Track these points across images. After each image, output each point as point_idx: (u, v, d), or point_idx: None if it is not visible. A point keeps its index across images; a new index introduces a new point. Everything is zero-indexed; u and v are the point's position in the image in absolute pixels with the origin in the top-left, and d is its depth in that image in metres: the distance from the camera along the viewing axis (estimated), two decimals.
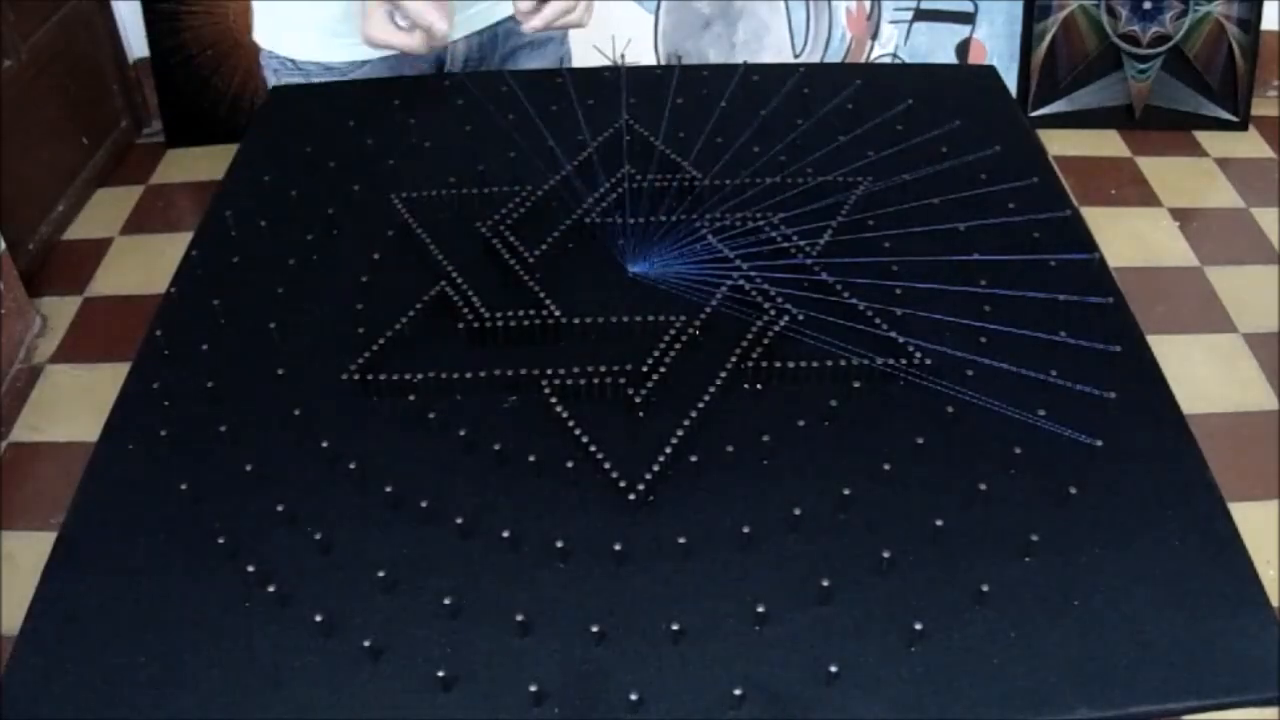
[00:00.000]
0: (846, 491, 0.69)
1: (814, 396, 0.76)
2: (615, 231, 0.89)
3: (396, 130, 1.02)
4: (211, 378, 0.78)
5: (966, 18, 2.38)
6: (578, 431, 0.72)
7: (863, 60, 2.38)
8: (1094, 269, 0.86)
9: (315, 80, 1.17)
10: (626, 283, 0.86)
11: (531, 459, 0.72)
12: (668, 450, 0.71)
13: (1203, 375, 1.95)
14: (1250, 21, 2.41)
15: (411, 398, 0.76)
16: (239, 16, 2.48)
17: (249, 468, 0.72)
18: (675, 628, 0.62)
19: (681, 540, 0.67)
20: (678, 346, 0.78)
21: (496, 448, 0.72)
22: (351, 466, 0.71)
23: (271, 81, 1.20)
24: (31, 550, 1.65)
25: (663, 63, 2.32)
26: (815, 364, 0.77)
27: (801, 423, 0.75)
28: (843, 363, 0.77)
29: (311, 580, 0.65)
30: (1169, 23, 2.40)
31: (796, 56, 2.36)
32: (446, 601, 0.63)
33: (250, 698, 0.60)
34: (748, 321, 0.80)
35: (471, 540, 0.68)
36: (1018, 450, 0.72)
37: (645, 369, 0.76)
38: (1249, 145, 2.50)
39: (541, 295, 0.82)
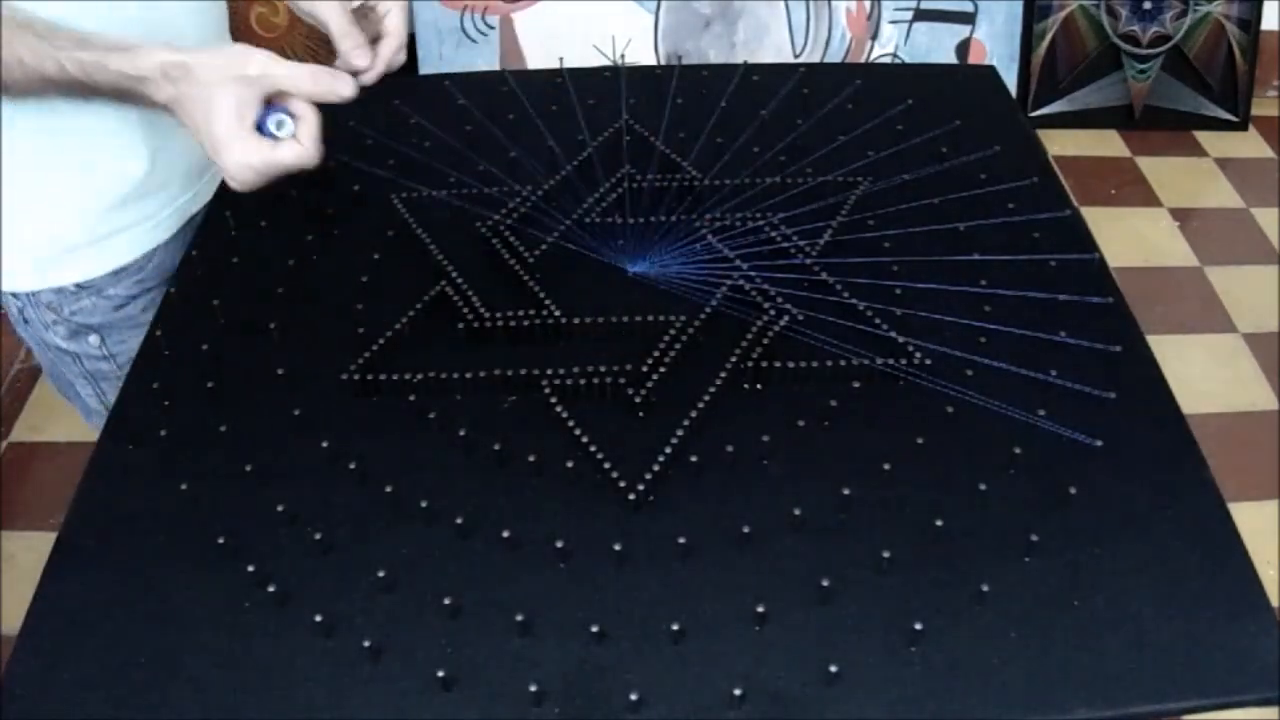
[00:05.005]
0: (846, 491, 0.69)
1: (814, 396, 0.76)
2: (615, 231, 0.89)
3: (396, 130, 1.02)
4: (211, 378, 0.78)
5: (966, 18, 2.37)
6: (578, 431, 0.72)
7: (863, 60, 2.38)
8: (1094, 269, 0.86)
9: (109, 294, 0.91)
10: (626, 283, 0.86)
11: (531, 459, 0.72)
12: (668, 450, 0.71)
13: (1203, 375, 1.95)
14: (1250, 21, 2.40)
15: (411, 398, 0.76)
16: (243, 14, 2.47)
17: (249, 468, 0.72)
18: (675, 628, 0.62)
19: (681, 540, 0.67)
20: (678, 346, 0.78)
21: (496, 448, 0.72)
22: (351, 466, 0.71)
23: (46, 321, 0.92)
24: (31, 550, 1.64)
25: (663, 63, 2.32)
26: (815, 364, 0.77)
27: (801, 423, 0.75)
28: (843, 363, 0.77)
29: (311, 580, 0.65)
30: (1169, 23, 2.40)
31: (796, 56, 2.36)
32: (446, 601, 0.63)
33: (250, 698, 0.60)
34: (748, 321, 0.80)
35: (471, 540, 0.68)
36: (1018, 450, 0.72)
37: (645, 369, 0.76)
38: (1249, 145, 2.50)
39: (541, 295, 0.82)
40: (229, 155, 0.73)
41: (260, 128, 0.73)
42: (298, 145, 0.74)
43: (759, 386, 0.77)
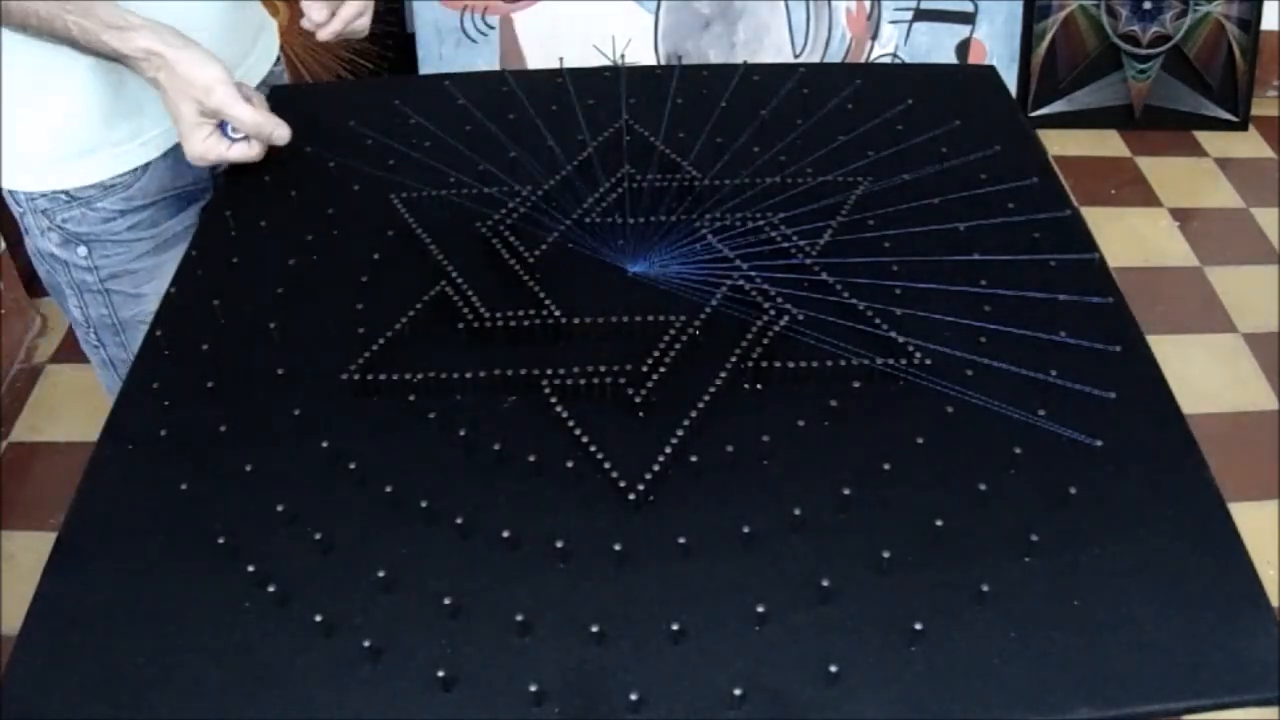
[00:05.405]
0: (846, 491, 0.69)
1: (814, 396, 0.76)
2: (615, 231, 0.89)
3: (396, 130, 1.02)
4: (211, 378, 0.78)
5: (966, 18, 2.37)
6: (578, 431, 0.72)
7: (863, 60, 2.38)
8: (1094, 269, 0.86)
9: (98, 206, 0.99)
10: (626, 283, 0.86)
11: (531, 459, 0.72)
12: (668, 450, 0.71)
13: (1203, 375, 1.95)
14: (1250, 21, 2.40)
15: (411, 398, 0.76)
16: None
17: (249, 468, 0.72)
18: (675, 628, 0.62)
19: (681, 540, 0.67)
20: (678, 346, 0.78)
21: (496, 448, 0.72)
22: (351, 466, 0.71)
23: (41, 228, 1.01)
24: (31, 550, 1.64)
25: (663, 63, 2.32)
26: (815, 364, 0.77)
27: (801, 423, 0.75)
28: (843, 363, 0.77)
29: (311, 580, 0.65)
30: (1169, 23, 2.40)
31: (796, 56, 2.36)
32: (446, 601, 0.63)
33: (250, 698, 0.60)
34: (748, 321, 0.80)
35: (471, 540, 0.68)
36: (1018, 450, 0.72)
37: (645, 369, 0.76)
38: (1249, 145, 2.50)
39: (541, 295, 0.82)
40: (188, 145, 0.91)
41: (223, 128, 0.91)
42: (246, 147, 0.92)
43: (759, 386, 0.77)
